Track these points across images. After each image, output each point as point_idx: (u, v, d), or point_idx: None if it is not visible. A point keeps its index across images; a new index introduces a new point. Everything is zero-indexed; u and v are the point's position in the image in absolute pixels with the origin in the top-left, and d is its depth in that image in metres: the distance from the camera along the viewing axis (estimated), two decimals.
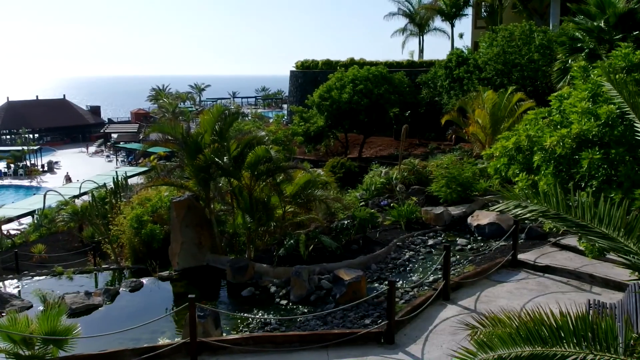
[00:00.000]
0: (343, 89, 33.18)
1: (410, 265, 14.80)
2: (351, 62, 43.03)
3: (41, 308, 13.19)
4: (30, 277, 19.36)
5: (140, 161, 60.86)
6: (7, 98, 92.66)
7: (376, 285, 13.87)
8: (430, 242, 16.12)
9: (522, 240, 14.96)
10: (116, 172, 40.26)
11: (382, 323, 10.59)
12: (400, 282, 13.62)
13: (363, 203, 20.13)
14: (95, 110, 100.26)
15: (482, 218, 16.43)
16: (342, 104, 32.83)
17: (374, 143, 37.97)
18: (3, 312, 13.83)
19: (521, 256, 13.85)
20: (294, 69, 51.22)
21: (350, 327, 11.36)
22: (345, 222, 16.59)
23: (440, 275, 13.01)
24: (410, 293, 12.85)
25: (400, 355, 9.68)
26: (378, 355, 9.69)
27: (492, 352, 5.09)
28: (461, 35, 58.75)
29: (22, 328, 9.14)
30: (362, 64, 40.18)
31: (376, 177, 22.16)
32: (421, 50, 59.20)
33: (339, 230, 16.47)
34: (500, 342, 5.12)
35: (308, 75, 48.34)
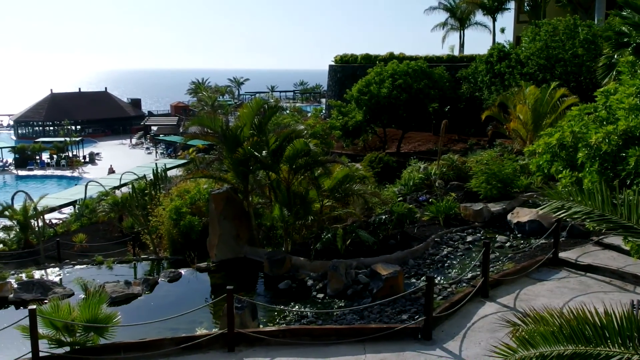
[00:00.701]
0: (382, 84, 32.99)
1: (449, 261, 14.64)
2: (390, 57, 42.76)
3: (82, 296, 13.44)
4: (71, 266, 19.76)
5: (179, 154, 61.61)
6: (51, 90, 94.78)
7: (413, 281, 13.76)
8: (469, 238, 15.91)
9: (563, 238, 14.66)
10: (156, 164, 40.83)
11: (420, 319, 10.50)
12: (438, 278, 13.48)
13: (401, 198, 20.00)
14: (135, 103, 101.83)
15: (523, 215, 16.15)
16: (381, 98, 32.65)
17: (412, 138, 37.70)
18: (46, 300, 14.15)
19: (562, 254, 13.57)
20: (332, 63, 51.16)
21: (387, 322, 11.28)
22: (383, 217, 16.50)
23: (478, 272, 12.82)
24: (449, 289, 12.70)
25: (438, 351, 9.58)
26: (415, 351, 9.61)
27: (533, 350, 4.98)
28: (503, 30, 57.88)
29: (65, 315, 9.33)
30: (401, 58, 39.89)
31: (414, 173, 21.98)
32: (461, 45, 58.55)
33: (376, 225, 16.39)
34: (543, 339, 5.00)
35: (347, 69, 48.22)
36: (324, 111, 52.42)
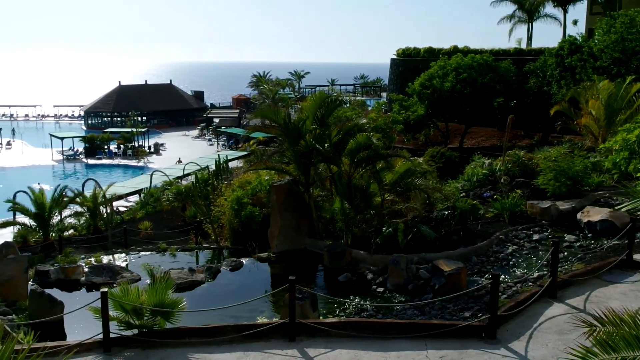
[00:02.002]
0: (445, 78, 32.46)
1: (514, 259, 14.25)
2: (454, 50, 42.03)
3: (148, 281, 13.79)
4: (137, 252, 20.33)
5: (240, 145, 62.47)
6: (119, 82, 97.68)
7: (477, 278, 13.46)
8: (536, 237, 15.43)
9: (638, 240, 14.02)
10: (218, 155, 41.58)
11: (484, 317, 10.25)
12: (503, 276, 13.13)
13: (463, 194, 19.61)
14: (199, 95, 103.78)
15: (594, 214, 15.54)
16: (443, 92, 32.14)
17: (475, 133, 37.00)
18: (114, 283, 14.58)
19: (637, 256, 12.97)
20: (394, 56, 50.72)
21: (449, 319, 11.09)
22: (446, 212, 16.22)
23: (546, 272, 12.44)
24: (513, 288, 12.35)
25: (502, 351, 9.33)
26: (479, 349, 9.38)
27: (614, 354, 4.74)
28: (575, 22, 55.90)
29: (133, 299, 9.57)
30: (466, 51, 39.18)
31: (478, 168, 21.52)
32: (529, 38, 56.97)
33: (438, 220, 16.13)
34: (625, 343, 4.75)
35: (409, 63, 47.71)
36: (384, 105, 52.04)
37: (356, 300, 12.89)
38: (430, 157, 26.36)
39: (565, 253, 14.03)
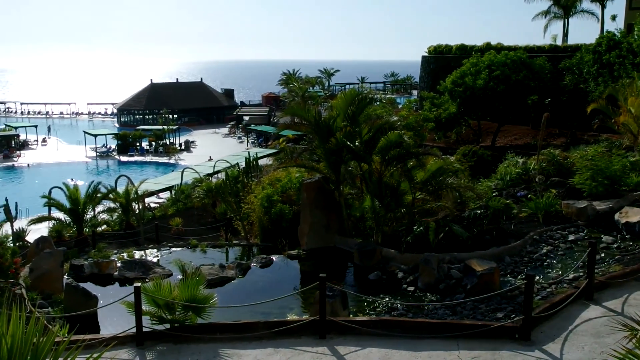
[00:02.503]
0: (478, 75, 32.05)
1: (548, 260, 14.00)
2: (487, 47, 41.49)
3: (180, 277, 13.89)
4: (168, 248, 20.52)
5: (269, 143, 62.67)
6: (151, 80, 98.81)
7: (510, 278, 13.27)
8: (571, 237, 15.14)
9: None
10: (248, 152, 41.75)
11: (517, 318, 10.08)
12: (537, 277, 12.90)
13: (496, 193, 19.36)
14: (229, 93, 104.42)
15: (633, 215, 15.16)
16: (476, 90, 31.73)
17: (508, 131, 36.49)
18: (147, 278, 14.72)
19: None
20: (426, 54, 50.32)
21: (482, 320, 10.93)
22: (478, 211, 16.02)
23: (581, 273, 12.19)
24: (548, 289, 12.13)
25: (537, 353, 9.15)
26: (512, 351, 9.22)
27: None
28: (614, 17, 54.57)
29: (166, 293, 9.64)
30: (499, 48, 38.63)
31: (511, 167, 21.22)
32: (565, 34, 55.92)
33: (470, 219, 15.93)
34: None
35: (440, 60, 47.29)
36: (415, 103, 51.69)
37: (386, 298, 12.79)
38: (461, 156, 26.05)
39: (602, 254, 13.73)
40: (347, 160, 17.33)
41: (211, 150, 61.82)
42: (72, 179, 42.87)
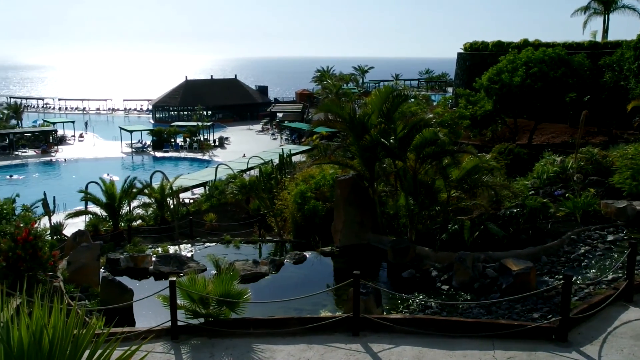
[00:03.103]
0: (515, 72, 31.56)
1: (586, 261, 13.73)
2: (524, 44, 40.87)
3: (214, 272, 14.01)
4: (202, 243, 20.71)
5: (303, 140, 62.80)
6: (186, 77, 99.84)
7: (546, 278, 13.06)
8: (610, 237, 14.82)
9: None
10: (282, 149, 41.90)
11: (554, 319, 9.91)
12: (575, 277, 12.67)
13: (533, 192, 19.08)
14: (263, 90, 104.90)
15: None
16: (513, 87, 31.25)
17: (545, 129, 35.89)
18: (181, 273, 14.87)
19: None
20: (461, 50, 49.80)
21: (517, 320, 10.79)
22: (514, 210, 15.80)
23: (621, 275, 11.93)
24: (586, 290, 11.90)
25: (574, 354, 8.98)
26: (548, 352, 9.06)
27: None
28: None
29: (200, 288, 9.73)
30: (537, 45, 38.02)
31: (548, 166, 20.89)
32: (605, 31, 54.71)
33: (506, 218, 15.73)
34: None
35: (476, 57, 46.76)
36: (450, 100, 51.23)
37: (420, 297, 12.71)
38: (497, 154, 25.72)
39: None
40: (381, 158, 17.27)
41: (245, 147, 62.22)
42: (108, 174, 43.55)
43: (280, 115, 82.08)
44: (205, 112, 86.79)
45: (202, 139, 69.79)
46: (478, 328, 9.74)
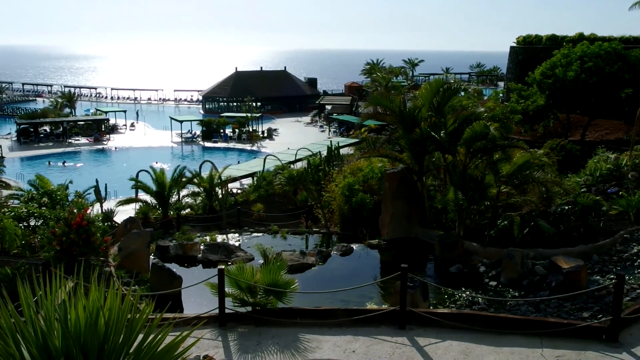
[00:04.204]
0: (569, 67, 30.81)
1: (639, 260, 13.38)
2: (580, 38, 39.87)
3: (261, 261, 14.19)
4: (249, 233, 20.97)
5: (351, 133, 62.70)
6: (236, 68, 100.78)
7: (597, 277, 12.80)
8: None
9: None
10: (330, 141, 41.97)
11: (605, 319, 9.70)
12: (627, 277, 12.37)
13: (585, 189, 18.66)
14: (312, 82, 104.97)
15: None
16: (566, 82, 30.53)
17: (599, 126, 34.97)
18: (229, 262, 15.12)
19: None
20: (514, 44, 48.89)
21: (566, 318, 10.61)
22: (566, 207, 15.50)
23: None
24: (638, 291, 11.64)
25: (625, 355, 8.78)
26: (598, 352, 8.89)
27: None
28: None
29: (248, 277, 9.87)
30: (592, 39, 37.05)
31: (602, 163, 20.39)
32: None
33: (557, 215, 15.44)
34: None
35: (529, 51, 45.85)
36: (501, 94, 50.39)
37: (467, 292, 12.61)
38: (549, 150, 25.20)
39: None
40: (431, 151, 17.15)
41: (293, 139, 62.51)
42: (156, 162, 44.44)
43: (328, 107, 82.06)
44: (254, 104, 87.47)
45: (250, 130, 70.35)
46: (526, 325, 9.61)
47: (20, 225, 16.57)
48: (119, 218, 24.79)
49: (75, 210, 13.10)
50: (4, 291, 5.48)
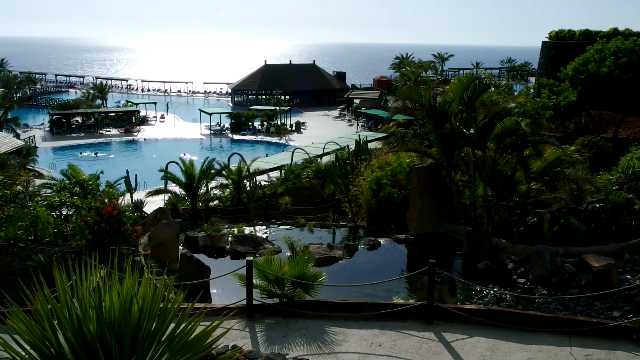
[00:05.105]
0: (602, 62, 30.26)
1: None
2: (614, 33, 39.13)
3: (288, 254, 14.26)
4: (276, 225, 21.10)
5: (379, 127, 62.52)
6: (265, 62, 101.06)
7: (628, 277, 12.61)
8: None
9: None
10: (358, 135, 41.92)
11: (636, 319, 9.59)
12: None
13: (617, 187, 18.32)
14: (340, 76, 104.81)
15: None
16: (599, 78, 30.01)
17: (633, 123, 34.30)
18: (257, 253, 15.22)
19: None
20: (546, 39, 48.20)
21: (596, 317, 10.48)
22: (597, 205, 15.27)
23: None
24: None
25: None
26: (629, 352, 8.76)
27: None
28: None
29: (276, 269, 9.94)
30: (627, 34, 36.34)
31: (635, 160, 20.01)
32: None
33: (588, 213, 15.23)
34: None
35: (562, 46, 45.18)
36: (532, 90, 49.72)
37: (495, 289, 12.53)
38: (580, 146, 24.83)
39: None
40: (461, 147, 17.03)
41: (321, 132, 62.57)
42: (184, 154, 44.86)
43: (357, 101, 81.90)
44: (283, 97, 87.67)
45: (279, 123, 70.57)
46: (555, 323, 9.52)
47: (53, 213, 16.89)
48: (148, 209, 25.13)
49: (106, 200, 13.30)
50: (41, 277, 5.62)
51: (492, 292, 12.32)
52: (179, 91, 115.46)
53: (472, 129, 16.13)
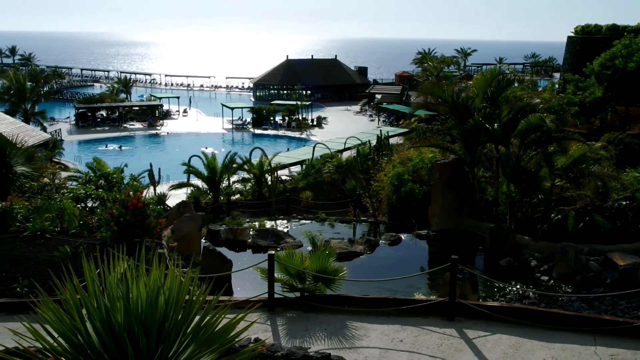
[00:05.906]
0: (630, 57, 29.84)
1: None
2: None
3: (309, 248, 14.29)
4: (297, 220, 21.13)
5: (401, 122, 62.29)
6: (287, 56, 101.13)
7: None
8: None
9: None
10: (380, 131, 41.81)
11: None
12: None
13: None
14: (362, 71, 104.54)
15: None
16: (626, 73, 29.59)
17: None
18: (278, 247, 15.28)
19: None
20: (572, 34, 47.60)
21: (622, 317, 10.35)
22: (623, 202, 15.07)
23: None
24: None
25: None
26: None
27: None
28: None
29: (297, 263, 9.98)
30: None
31: None
32: None
33: (614, 210, 15.03)
34: None
35: (587, 41, 44.59)
36: (557, 85, 49.14)
37: (518, 286, 12.45)
38: (606, 143, 24.49)
39: None
40: (484, 142, 16.90)
41: (342, 127, 62.50)
42: (206, 147, 45.11)
43: (378, 96, 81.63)
44: (304, 92, 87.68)
45: (300, 118, 70.64)
46: (579, 322, 9.43)
47: (78, 205, 17.12)
48: (171, 202, 25.35)
49: (131, 193, 13.43)
50: (70, 267, 5.71)
51: (514, 289, 12.24)
52: (201, 86, 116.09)
53: (495, 125, 15.99)
